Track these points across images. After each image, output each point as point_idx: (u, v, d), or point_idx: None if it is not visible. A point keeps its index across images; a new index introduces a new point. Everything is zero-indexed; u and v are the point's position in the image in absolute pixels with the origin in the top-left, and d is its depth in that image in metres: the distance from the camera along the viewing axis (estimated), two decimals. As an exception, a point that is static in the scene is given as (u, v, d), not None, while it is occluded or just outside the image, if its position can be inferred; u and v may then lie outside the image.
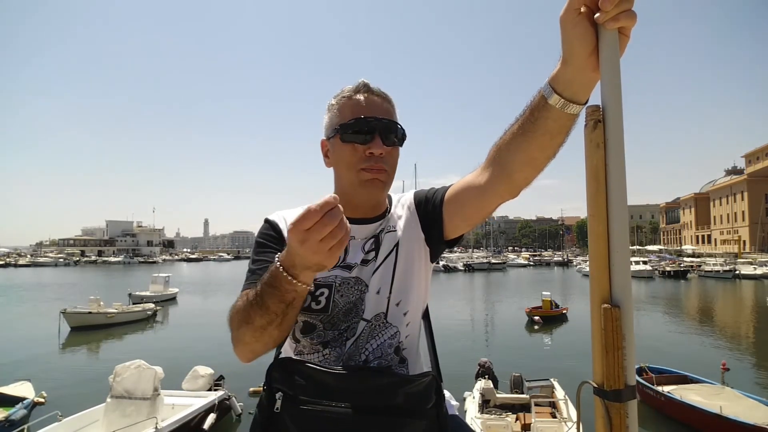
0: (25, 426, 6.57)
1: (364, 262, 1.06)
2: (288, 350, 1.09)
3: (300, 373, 0.92)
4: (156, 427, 6.33)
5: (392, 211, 1.13)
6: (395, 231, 1.09)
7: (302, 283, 0.81)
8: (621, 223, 0.70)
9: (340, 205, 0.73)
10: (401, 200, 1.16)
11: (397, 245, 1.07)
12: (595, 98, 0.77)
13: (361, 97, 1.05)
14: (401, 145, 1.09)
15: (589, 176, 0.71)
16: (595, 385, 0.75)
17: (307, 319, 1.04)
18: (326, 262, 0.76)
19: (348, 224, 0.74)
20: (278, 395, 0.91)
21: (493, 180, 0.94)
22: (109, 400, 6.81)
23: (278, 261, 0.81)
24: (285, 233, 1.09)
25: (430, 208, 1.08)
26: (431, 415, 0.95)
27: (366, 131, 1.03)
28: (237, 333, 0.91)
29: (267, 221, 1.13)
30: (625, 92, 0.72)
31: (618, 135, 0.69)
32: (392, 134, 1.05)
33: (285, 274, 0.80)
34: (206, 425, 7.50)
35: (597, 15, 0.71)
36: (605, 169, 0.70)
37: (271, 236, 1.09)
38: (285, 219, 1.11)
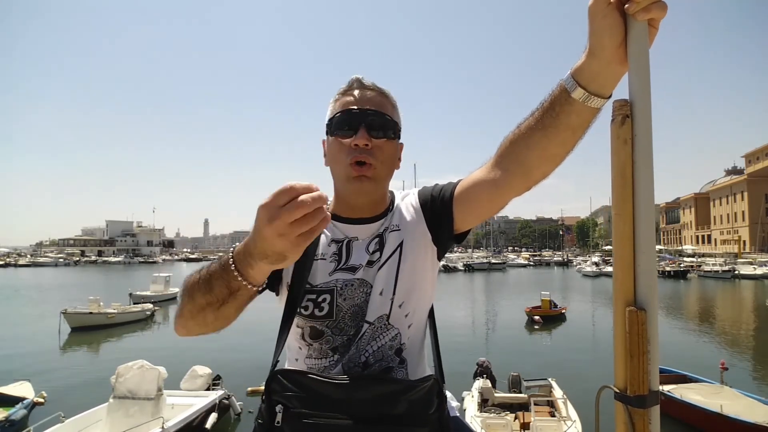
0: (30, 427, 6.55)
1: (370, 263, 1.04)
2: (296, 353, 1.06)
3: (300, 385, 0.90)
4: (163, 427, 6.33)
5: (395, 209, 1.10)
6: (399, 230, 1.06)
7: (249, 282, 0.78)
8: (647, 223, 0.68)
9: (324, 195, 0.66)
10: (405, 199, 1.13)
11: (401, 245, 1.05)
12: (618, 92, 0.75)
13: (353, 92, 1.04)
14: (394, 138, 1.05)
15: (616, 173, 0.69)
16: (617, 390, 0.72)
17: (314, 325, 1.02)
18: (289, 253, 0.68)
19: (328, 216, 0.67)
20: (278, 408, 0.89)
21: (508, 176, 0.92)
22: (111, 400, 6.79)
23: (232, 252, 0.78)
24: None
25: (438, 206, 1.05)
26: (433, 420, 0.93)
27: (351, 124, 1.00)
28: (180, 303, 0.89)
29: None
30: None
31: (646, 131, 0.67)
32: (380, 126, 1.01)
33: (233, 269, 0.77)
34: (208, 424, 7.50)
35: (627, 5, 0.69)
36: (632, 167, 0.67)
37: None
38: None
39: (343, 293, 1.02)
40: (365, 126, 0.99)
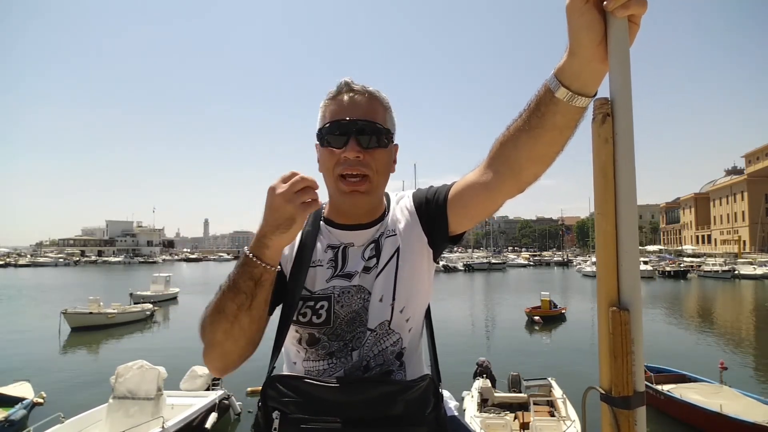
0: (30, 428, 6.54)
1: (366, 269, 1.03)
2: (294, 356, 1.06)
3: (297, 390, 0.89)
4: (163, 427, 6.33)
5: (390, 213, 1.09)
6: (395, 235, 1.06)
7: (268, 263, 0.86)
8: (630, 222, 0.67)
9: (316, 181, 0.87)
10: (400, 202, 1.12)
11: (398, 250, 1.04)
12: (603, 90, 0.74)
13: (342, 98, 1.01)
14: (387, 146, 1.03)
15: (597, 173, 0.68)
16: (603, 391, 0.72)
17: (312, 332, 1.01)
18: (297, 216, 0.83)
19: (319, 201, 0.87)
20: (275, 414, 0.88)
21: (499, 177, 0.91)
22: (111, 400, 6.79)
23: (246, 248, 0.89)
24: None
25: (433, 208, 1.05)
26: (431, 419, 0.93)
27: (340, 134, 0.98)
28: (209, 333, 0.91)
29: None
30: (633, 85, 0.69)
31: (628, 129, 0.66)
32: (371, 135, 0.99)
33: (251, 256, 0.86)
34: (208, 424, 7.50)
35: (606, 2, 0.68)
36: (614, 165, 0.67)
37: None
38: None
39: (341, 300, 1.01)
40: (356, 137, 0.98)
